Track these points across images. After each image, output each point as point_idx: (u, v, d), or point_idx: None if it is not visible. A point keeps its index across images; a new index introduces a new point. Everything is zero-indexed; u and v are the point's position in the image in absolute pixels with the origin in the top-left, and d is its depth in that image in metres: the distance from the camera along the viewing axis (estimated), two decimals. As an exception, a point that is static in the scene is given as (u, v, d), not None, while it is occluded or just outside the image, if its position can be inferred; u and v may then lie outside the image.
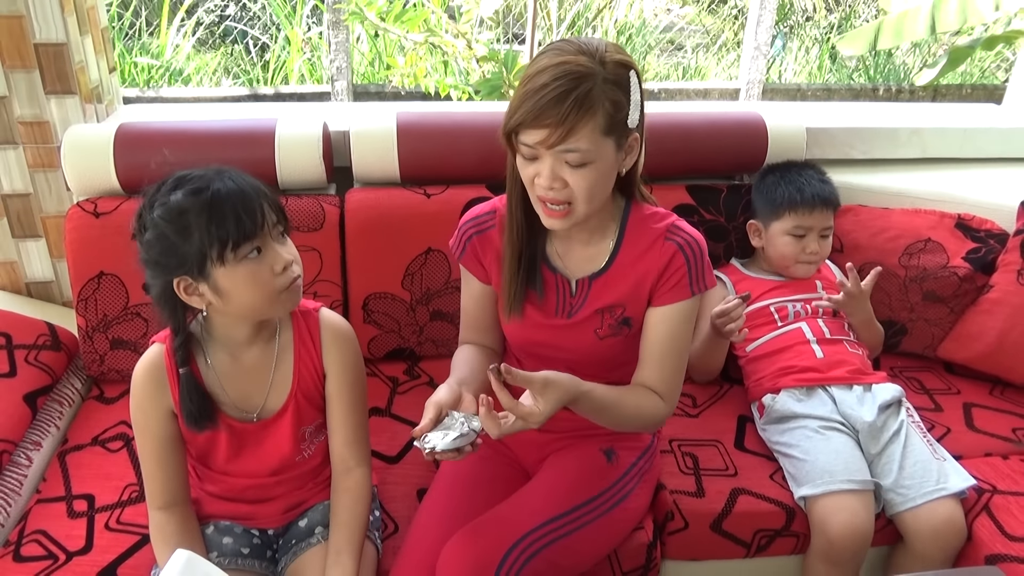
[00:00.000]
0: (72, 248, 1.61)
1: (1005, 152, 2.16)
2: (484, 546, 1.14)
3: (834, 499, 1.37)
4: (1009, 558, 1.31)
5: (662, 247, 1.21)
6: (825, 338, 1.62)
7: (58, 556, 1.26)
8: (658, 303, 1.23)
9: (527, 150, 1.09)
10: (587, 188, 1.10)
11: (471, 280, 1.33)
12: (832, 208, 1.70)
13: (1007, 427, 1.63)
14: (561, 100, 1.03)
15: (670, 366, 1.24)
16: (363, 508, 1.19)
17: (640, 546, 1.34)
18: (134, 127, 1.65)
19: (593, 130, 1.06)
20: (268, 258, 1.08)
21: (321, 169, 1.68)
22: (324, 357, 1.21)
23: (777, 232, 1.69)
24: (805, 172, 1.72)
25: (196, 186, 1.05)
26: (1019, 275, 1.70)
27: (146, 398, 1.16)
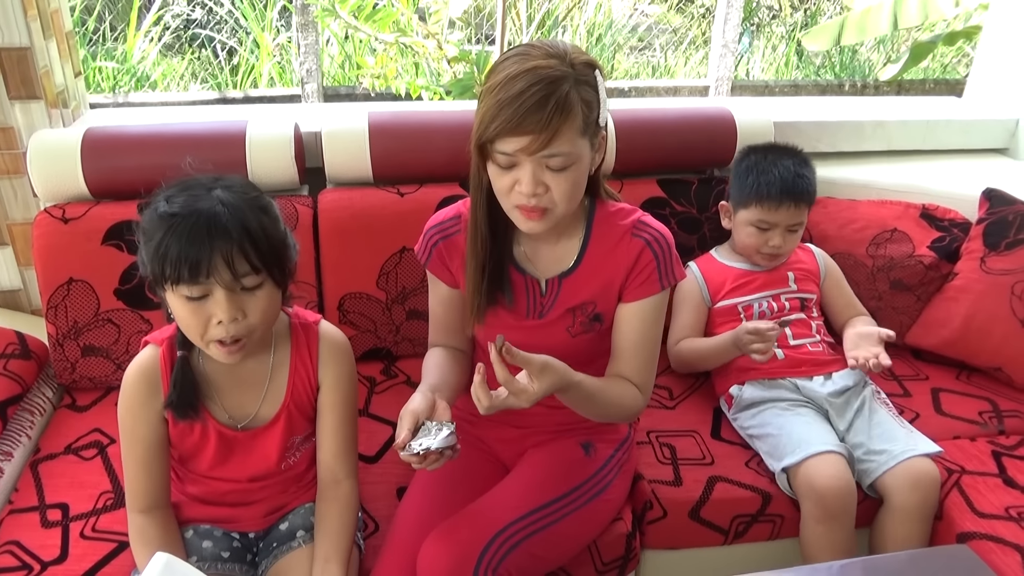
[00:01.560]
0: (40, 255, 1.58)
1: (966, 144, 2.21)
2: (463, 541, 1.14)
3: (813, 461, 1.41)
4: (979, 535, 1.35)
5: (629, 243, 1.22)
6: (788, 343, 1.62)
7: (32, 566, 1.24)
8: (629, 299, 1.24)
9: (505, 159, 1.08)
10: (568, 190, 1.10)
11: (438, 284, 1.32)
12: (804, 204, 1.63)
13: (974, 411, 1.66)
14: (542, 105, 1.03)
15: (644, 358, 1.26)
16: (351, 517, 1.18)
17: (619, 536, 1.35)
18: (101, 131, 1.63)
19: (573, 132, 1.06)
20: (209, 306, 1.04)
21: (293, 170, 1.68)
22: (320, 370, 1.20)
23: (742, 220, 1.66)
24: (783, 161, 1.63)
25: (177, 207, 1.02)
26: (982, 262, 1.75)
27: (137, 402, 1.14)
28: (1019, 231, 1.73)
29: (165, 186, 1.08)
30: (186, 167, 1.10)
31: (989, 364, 1.74)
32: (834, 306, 1.73)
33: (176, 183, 1.08)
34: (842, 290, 1.74)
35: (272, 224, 1.08)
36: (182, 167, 1.10)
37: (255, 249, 1.03)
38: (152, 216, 1.04)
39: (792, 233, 1.64)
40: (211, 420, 1.17)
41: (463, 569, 1.12)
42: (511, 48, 1.13)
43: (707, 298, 1.68)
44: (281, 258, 1.09)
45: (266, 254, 1.05)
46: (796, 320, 1.64)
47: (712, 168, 1.93)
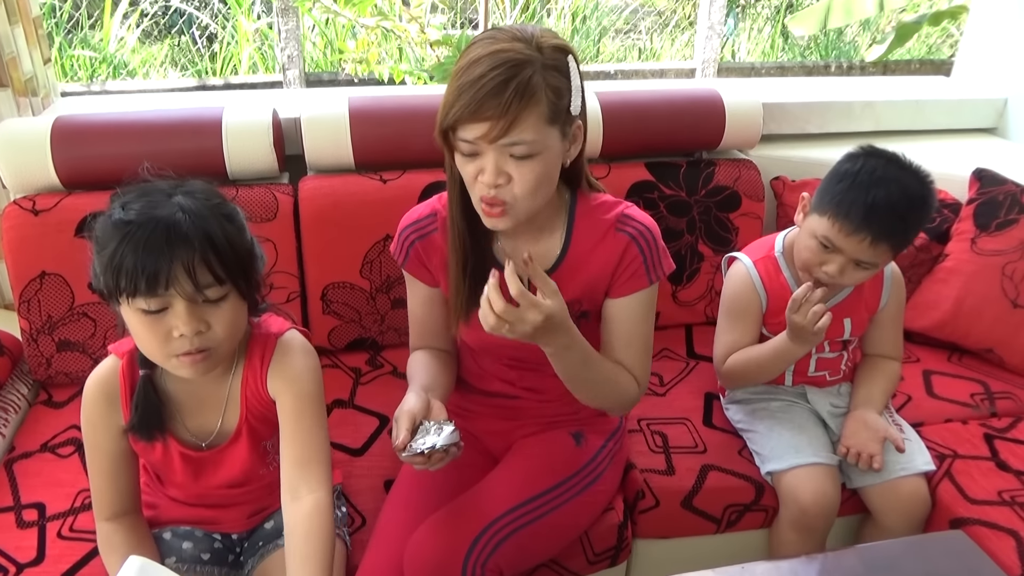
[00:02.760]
0: (10, 248, 1.53)
1: (955, 123, 2.20)
2: (452, 535, 1.12)
3: (801, 471, 1.37)
4: (972, 520, 1.34)
5: (614, 239, 1.17)
6: (806, 375, 1.50)
7: (8, 568, 1.20)
8: (617, 295, 1.20)
9: (467, 146, 1.03)
10: (532, 181, 1.04)
11: (417, 285, 1.28)
12: (887, 246, 1.28)
13: (966, 393, 1.65)
14: (501, 90, 0.97)
15: (637, 348, 1.22)
16: (317, 545, 1.05)
17: (611, 527, 1.33)
18: (72, 120, 1.58)
19: (537, 119, 1.01)
20: (168, 319, 0.97)
21: (272, 158, 1.63)
22: (269, 378, 1.11)
23: (810, 228, 1.35)
24: (892, 186, 1.27)
25: (134, 214, 0.95)
26: (973, 243, 1.73)
27: (97, 415, 1.09)
28: (1009, 211, 1.72)
29: (121, 192, 1.00)
30: (143, 172, 1.03)
31: (980, 346, 1.73)
32: (871, 336, 1.51)
33: (133, 189, 1.00)
34: (888, 327, 1.50)
35: (237, 232, 1.01)
36: (139, 171, 1.03)
37: (219, 258, 0.96)
38: (106, 224, 0.97)
39: (859, 269, 1.33)
40: (173, 441, 1.11)
41: (451, 564, 1.09)
42: (483, 31, 1.08)
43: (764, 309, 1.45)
44: (247, 268, 1.02)
45: (230, 264, 0.98)
46: (825, 359, 1.49)
47: (701, 151, 1.90)
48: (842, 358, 1.50)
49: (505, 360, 1.30)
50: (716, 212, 1.82)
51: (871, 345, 1.53)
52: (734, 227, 1.84)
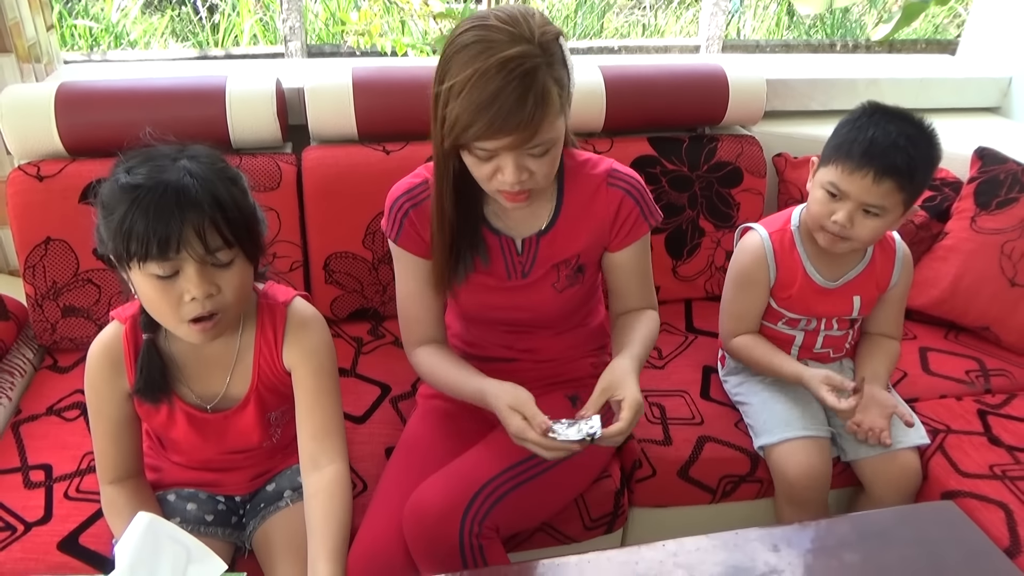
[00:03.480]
0: (15, 213, 1.54)
1: (959, 102, 2.20)
2: (450, 493, 1.14)
3: (790, 446, 1.39)
4: (963, 493, 1.36)
5: (607, 193, 1.22)
6: (811, 351, 1.51)
7: (16, 527, 1.23)
8: (621, 246, 1.25)
9: (485, 153, 1.05)
10: (550, 167, 1.09)
11: (410, 261, 1.24)
12: (892, 181, 1.26)
13: (961, 370, 1.67)
14: (520, 105, 0.98)
15: (647, 287, 1.32)
16: (339, 508, 1.09)
17: (608, 494, 1.35)
18: (76, 86, 1.58)
19: (553, 117, 1.03)
20: (180, 283, 0.97)
21: (276, 127, 1.63)
22: (284, 353, 1.13)
23: (818, 181, 1.35)
24: (889, 124, 1.28)
25: (141, 178, 0.95)
26: (973, 222, 1.74)
27: (101, 380, 1.10)
28: (1010, 190, 1.72)
29: (124, 157, 1.01)
30: (145, 137, 1.03)
31: (977, 323, 1.74)
32: (875, 314, 1.51)
33: (136, 153, 1.00)
34: (893, 306, 1.50)
35: (242, 196, 1.02)
36: (140, 136, 1.03)
37: (227, 221, 0.97)
38: (112, 189, 0.97)
39: (868, 216, 1.30)
40: (178, 402, 1.13)
41: (449, 522, 1.12)
42: (467, 25, 1.04)
43: (772, 283, 1.46)
44: (253, 231, 1.04)
45: (239, 227, 0.99)
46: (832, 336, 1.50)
47: (703, 126, 1.90)
48: (848, 336, 1.51)
49: (501, 326, 1.32)
50: (718, 187, 1.83)
51: (874, 324, 1.53)
52: (735, 203, 1.84)
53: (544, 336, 1.20)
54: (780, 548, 1.01)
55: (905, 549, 1.01)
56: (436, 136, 1.09)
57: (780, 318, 1.49)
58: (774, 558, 1.00)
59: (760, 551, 1.00)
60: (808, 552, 1.02)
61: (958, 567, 0.99)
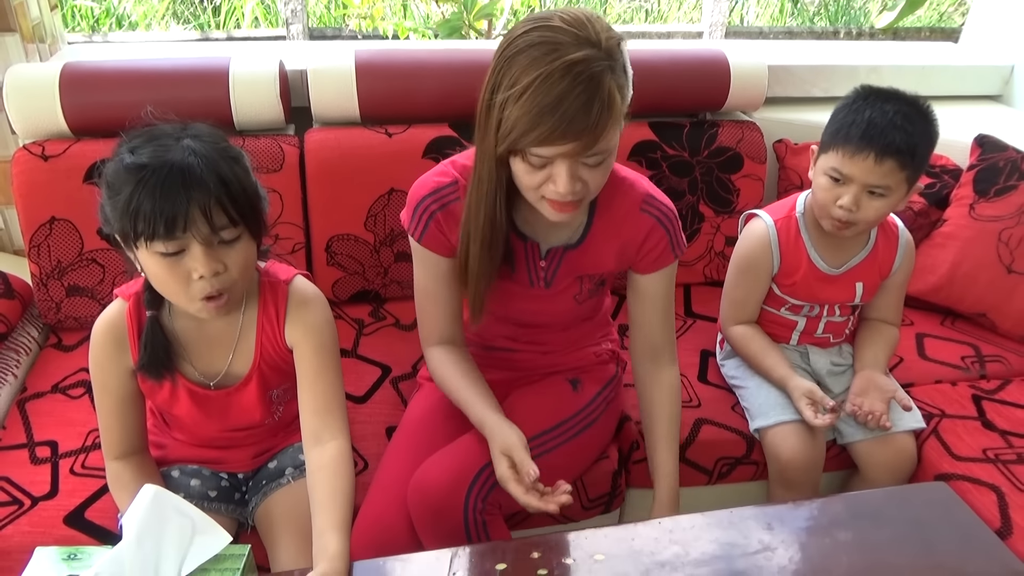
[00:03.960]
0: (21, 193, 1.55)
1: (961, 90, 2.20)
2: (454, 470, 1.16)
3: (785, 429, 1.40)
4: (956, 476, 1.38)
5: (638, 218, 1.19)
6: (812, 336, 1.53)
7: (23, 502, 1.25)
8: (644, 271, 1.25)
9: (540, 160, 1.00)
10: (602, 179, 1.06)
11: (433, 260, 1.20)
12: (894, 161, 1.27)
13: (956, 356, 1.68)
14: (586, 111, 0.94)
15: (670, 325, 1.31)
16: (343, 483, 1.09)
17: (606, 474, 1.37)
18: (80, 66, 1.59)
19: (615, 127, 1.00)
20: (187, 262, 0.98)
21: (279, 109, 1.64)
22: (287, 331, 1.14)
23: (820, 168, 1.36)
24: (885, 104, 1.29)
25: (146, 158, 0.96)
26: (971, 209, 1.75)
27: (105, 357, 1.12)
28: (1009, 177, 1.73)
29: (127, 136, 1.01)
30: (147, 116, 1.03)
31: (974, 310, 1.75)
32: (876, 301, 1.52)
33: (139, 133, 1.01)
34: (893, 293, 1.52)
35: (245, 174, 1.03)
36: (142, 116, 1.04)
37: (232, 200, 0.98)
38: (117, 168, 0.98)
39: (873, 197, 1.31)
40: (181, 379, 1.14)
41: (453, 498, 1.13)
42: (528, 25, 1.00)
43: (775, 271, 1.47)
44: (256, 209, 1.05)
45: (243, 205, 1.00)
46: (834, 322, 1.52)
47: (705, 112, 1.91)
48: (848, 321, 1.53)
49: (510, 322, 1.33)
50: (718, 173, 1.84)
51: (874, 310, 1.54)
52: (735, 188, 1.85)
53: (549, 330, 1.21)
54: (774, 526, 1.03)
55: (897, 528, 1.03)
56: (488, 142, 1.04)
57: (783, 304, 1.50)
58: (768, 536, 1.01)
59: (754, 529, 1.02)
60: (801, 530, 1.04)
61: (949, 546, 1.01)
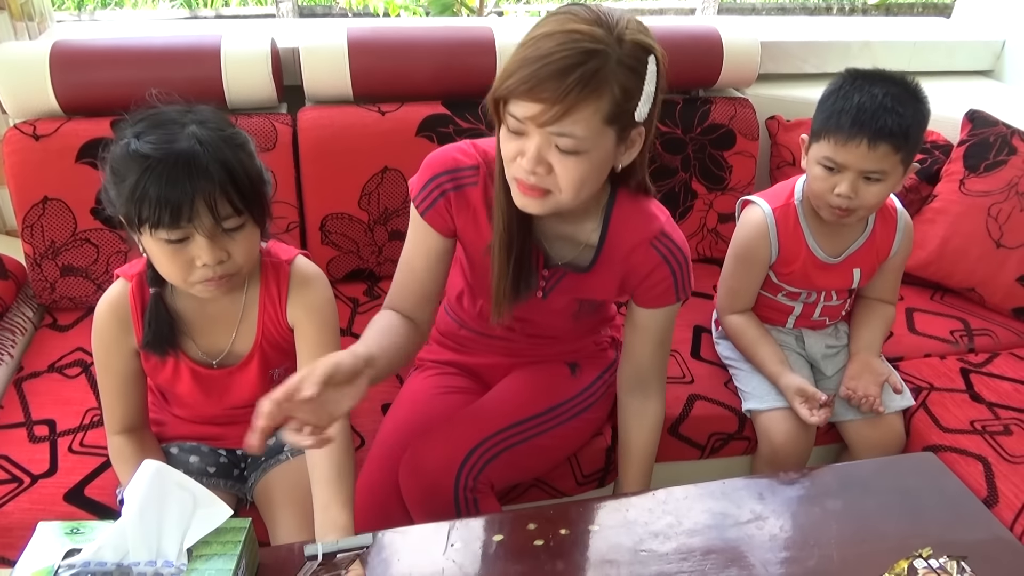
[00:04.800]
0: (12, 172, 1.55)
1: (952, 65, 2.21)
2: (447, 448, 1.17)
3: (778, 414, 1.42)
4: (944, 448, 1.40)
5: (646, 253, 1.12)
6: (809, 319, 1.53)
7: (23, 479, 1.26)
8: (643, 304, 1.19)
9: (514, 123, 0.95)
10: (575, 180, 0.97)
11: (429, 235, 1.14)
12: (888, 145, 1.25)
13: (946, 330, 1.70)
14: (563, 74, 0.89)
15: (663, 363, 1.27)
16: (346, 458, 1.08)
17: (600, 451, 1.39)
18: (70, 44, 1.57)
19: (593, 115, 0.92)
20: (190, 250, 0.99)
21: (271, 87, 1.63)
22: (288, 310, 1.15)
23: (812, 157, 1.34)
24: (873, 88, 1.27)
25: (152, 147, 0.96)
26: (961, 184, 1.76)
27: (110, 338, 1.13)
28: (999, 153, 1.74)
29: (131, 119, 1.01)
30: (150, 97, 1.04)
31: (963, 285, 1.77)
32: (873, 281, 1.52)
33: (144, 116, 1.01)
34: (891, 274, 1.51)
35: (250, 161, 1.03)
36: (146, 97, 1.03)
37: (237, 190, 0.99)
38: (123, 154, 0.98)
39: (870, 183, 1.30)
40: (184, 357, 1.15)
41: (445, 476, 1.15)
42: (565, 5, 0.98)
43: (773, 260, 1.46)
44: (261, 196, 1.05)
45: (248, 194, 1.01)
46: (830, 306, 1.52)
47: (697, 88, 1.91)
48: (844, 304, 1.54)
49: (516, 331, 1.31)
50: (711, 150, 1.84)
51: (871, 290, 1.54)
52: (728, 165, 1.86)
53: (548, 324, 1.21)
54: (765, 496, 1.05)
55: (885, 496, 1.05)
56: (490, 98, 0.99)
57: (780, 291, 1.51)
58: (759, 506, 1.03)
59: (746, 499, 1.04)
60: (792, 500, 1.06)
61: (936, 514, 1.03)
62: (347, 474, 1.09)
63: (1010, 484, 1.31)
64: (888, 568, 0.91)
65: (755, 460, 1.50)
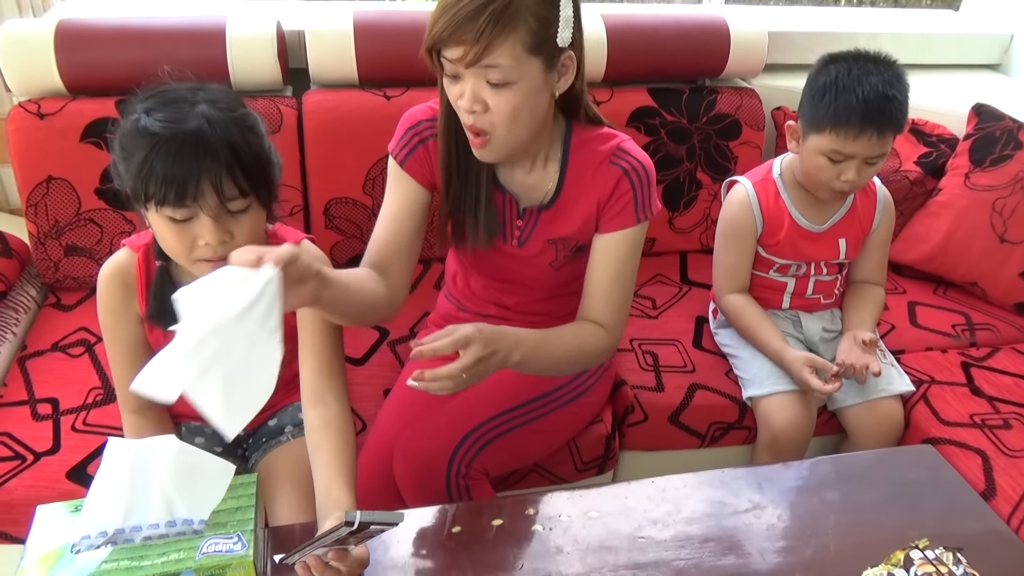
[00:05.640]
0: (17, 151, 1.54)
1: (960, 59, 2.20)
2: (440, 434, 1.18)
3: (778, 399, 1.43)
4: (943, 440, 1.41)
5: (607, 171, 1.15)
6: (803, 297, 1.55)
7: (26, 457, 1.26)
8: (604, 230, 1.18)
9: (449, 66, 1.02)
10: (509, 111, 1.02)
11: (410, 185, 1.17)
12: (891, 132, 1.33)
13: (947, 324, 1.71)
14: (477, 14, 0.96)
15: (617, 298, 1.19)
16: (346, 440, 1.08)
17: (599, 438, 1.40)
18: (75, 23, 1.57)
19: (514, 47, 0.98)
20: (193, 228, 0.99)
21: (276, 70, 1.63)
22: None
23: (812, 148, 1.37)
24: (870, 78, 1.32)
25: (160, 125, 0.95)
26: (967, 178, 1.76)
27: (115, 301, 1.12)
28: (1005, 147, 1.74)
29: (142, 94, 1.01)
30: (162, 74, 1.03)
31: (966, 279, 1.77)
32: (859, 260, 1.56)
33: (154, 92, 1.00)
34: (876, 251, 1.55)
35: (258, 143, 1.03)
36: (158, 74, 1.03)
37: (243, 172, 0.98)
38: (132, 129, 0.97)
39: (870, 166, 1.36)
40: None
41: (437, 462, 1.16)
42: None
43: (759, 233, 1.49)
44: (268, 178, 1.05)
45: (255, 176, 1.00)
46: (823, 281, 1.54)
47: (704, 78, 1.90)
48: (836, 281, 1.55)
49: (496, 282, 1.32)
50: (716, 140, 1.84)
51: (858, 271, 1.57)
52: (733, 156, 1.85)
53: (538, 298, 1.21)
54: (763, 486, 1.06)
55: (883, 488, 1.06)
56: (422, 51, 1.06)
57: (771, 266, 1.52)
58: (758, 495, 1.04)
59: (744, 488, 1.05)
60: (790, 490, 1.06)
61: (933, 506, 1.04)
62: (348, 456, 1.09)
63: (1008, 478, 1.32)
64: (884, 558, 0.92)
65: (755, 448, 1.50)
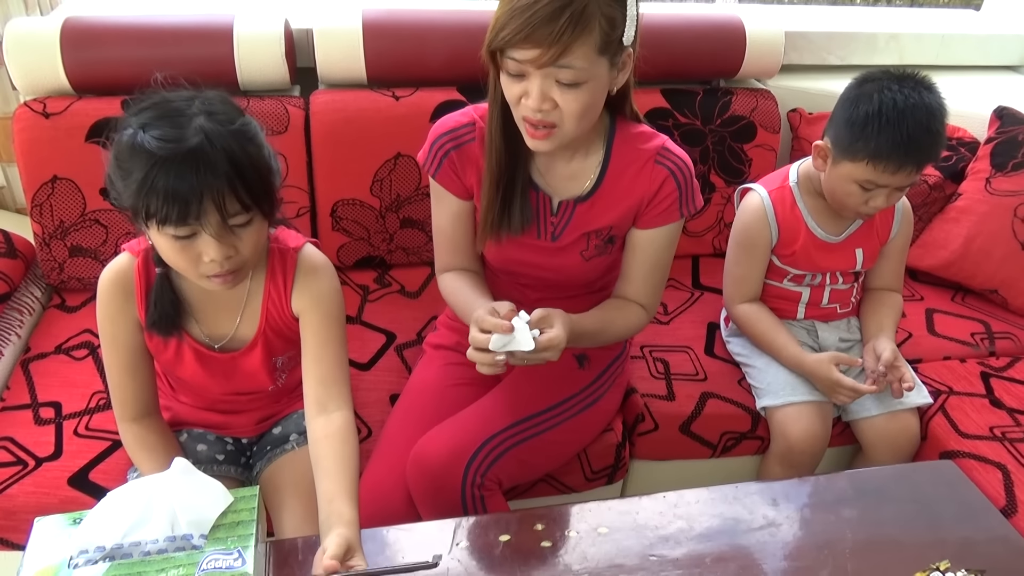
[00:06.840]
0: (22, 151, 1.53)
1: (981, 60, 2.15)
2: (455, 444, 1.16)
3: (794, 409, 1.40)
4: (962, 454, 1.37)
5: (652, 170, 1.18)
6: (819, 307, 1.52)
7: (27, 462, 1.25)
8: (645, 226, 1.22)
9: (515, 66, 1.02)
10: (578, 110, 1.04)
11: (447, 198, 1.24)
12: (929, 164, 1.33)
13: (966, 332, 1.67)
14: (554, 17, 0.96)
15: (655, 282, 1.27)
16: (349, 450, 1.06)
17: (609, 446, 1.37)
18: (81, 21, 1.55)
19: (588, 49, 0.99)
20: (197, 245, 0.97)
21: (284, 69, 1.61)
22: (293, 299, 1.13)
23: (845, 175, 1.33)
24: (916, 114, 1.25)
25: (158, 143, 0.92)
26: (987, 183, 1.72)
27: (115, 308, 1.10)
28: (1028, 152, 1.70)
29: (135, 105, 0.98)
30: (156, 83, 1.00)
31: (985, 286, 1.73)
32: (876, 268, 1.53)
33: (149, 103, 0.97)
34: (893, 259, 1.52)
35: (259, 153, 1.00)
36: (152, 82, 1.00)
37: (245, 187, 0.96)
38: (129, 146, 0.94)
39: (899, 192, 1.34)
40: (187, 337, 1.13)
41: (453, 472, 1.13)
42: None
43: (774, 243, 1.46)
44: (270, 190, 1.02)
45: (256, 190, 0.98)
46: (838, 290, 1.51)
47: (719, 79, 1.87)
48: (853, 289, 1.52)
49: (524, 280, 1.32)
50: (730, 142, 1.80)
51: (875, 278, 1.54)
52: (747, 158, 1.82)
53: (561, 298, 1.20)
54: (779, 502, 1.03)
55: (901, 505, 1.02)
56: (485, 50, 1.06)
57: (785, 275, 1.49)
58: (772, 512, 1.01)
59: (759, 504, 1.02)
60: (806, 506, 1.03)
61: (953, 524, 1.01)
62: (351, 467, 1.06)
63: (1030, 493, 1.29)
64: (905, 581, 0.89)
65: (767, 458, 1.47)
